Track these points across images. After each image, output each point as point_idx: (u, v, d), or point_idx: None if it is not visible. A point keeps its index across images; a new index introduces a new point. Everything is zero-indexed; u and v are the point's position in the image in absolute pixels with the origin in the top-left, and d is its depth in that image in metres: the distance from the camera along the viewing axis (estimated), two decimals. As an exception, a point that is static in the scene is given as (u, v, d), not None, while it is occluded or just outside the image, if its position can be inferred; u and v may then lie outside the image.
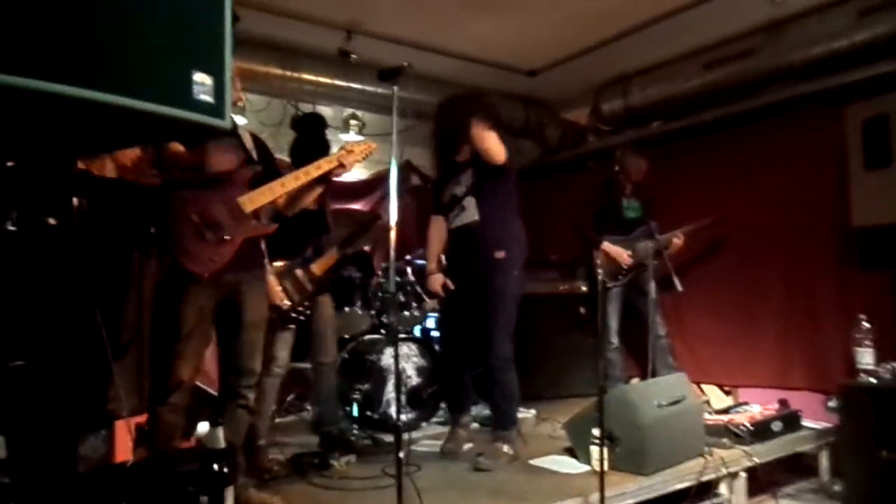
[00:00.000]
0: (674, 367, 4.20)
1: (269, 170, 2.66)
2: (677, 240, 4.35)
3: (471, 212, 3.45)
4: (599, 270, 2.81)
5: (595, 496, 2.59)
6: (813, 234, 4.24)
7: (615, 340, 4.37)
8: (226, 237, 2.38)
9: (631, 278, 4.41)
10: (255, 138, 2.73)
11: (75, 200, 1.41)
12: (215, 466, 1.48)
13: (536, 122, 5.71)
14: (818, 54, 3.98)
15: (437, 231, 3.61)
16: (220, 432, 1.51)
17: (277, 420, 4.37)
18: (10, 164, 1.67)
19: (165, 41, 1.42)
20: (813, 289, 4.25)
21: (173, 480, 1.55)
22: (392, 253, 2.29)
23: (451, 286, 3.47)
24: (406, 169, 5.57)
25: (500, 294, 3.38)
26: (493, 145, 3.33)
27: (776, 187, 4.40)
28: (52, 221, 1.42)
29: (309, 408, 4.35)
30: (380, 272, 4.54)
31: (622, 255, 4.35)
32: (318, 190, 2.89)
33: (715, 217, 4.40)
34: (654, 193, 4.55)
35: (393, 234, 2.30)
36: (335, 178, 4.47)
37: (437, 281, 3.51)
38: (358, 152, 2.84)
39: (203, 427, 1.59)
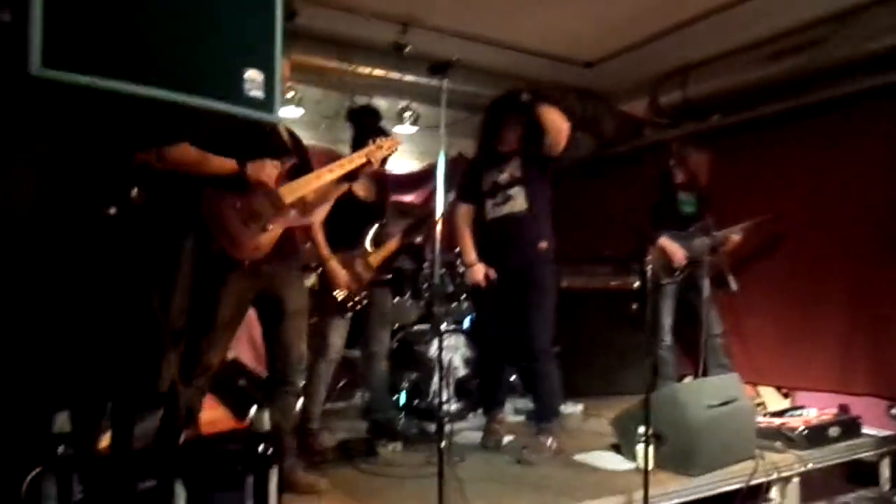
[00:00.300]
0: (727, 367, 4.09)
1: (303, 161, 2.73)
2: (735, 236, 4.22)
3: (519, 201, 3.45)
4: (649, 267, 2.73)
5: (639, 494, 2.57)
6: (879, 234, 4.05)
7: (668, 339, 4.25)
8: (268, 227, 2.46)
9: (686, 275, 4.30)
10: (290, 132, 2.79)
11: (133, 191, 1.50)
12: (260, 448, 1.54)
13: (592, 114, 5.61)
14: (889, 45, 3.78)
15: (467, 220, 3.58)
16: (266, 415, 1.57)
17: (329, 405, 4.49)
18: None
19: (219, 40, 1.49)
20: (879, 290, 4.06)
21: (222, 459, 1.63)
22: (437, 244, 2.32)
23: (493, 276, 3.44)
24: (458, 161, 5.59)
25: (544, 286, 3.41)
26: (564, 124, 3.32)
27: (841, 184, 4.22)
28: (112, 211, 1.52)
29: (359, 395, 4.44)
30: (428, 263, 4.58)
31: (677, 251, 4.23)
32: (345, 186, 2.95)
33: (773, 214, 4.26)
34: (711, 188, 4.42)
35: (439, 226, 2.33)
36: (387, 171, 4.59)
37: (480, 271, 3.45)
38: (386, 148, 2.89)
39: (253, 411, 1.66)
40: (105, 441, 1.74)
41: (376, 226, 3.47)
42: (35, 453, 1.51)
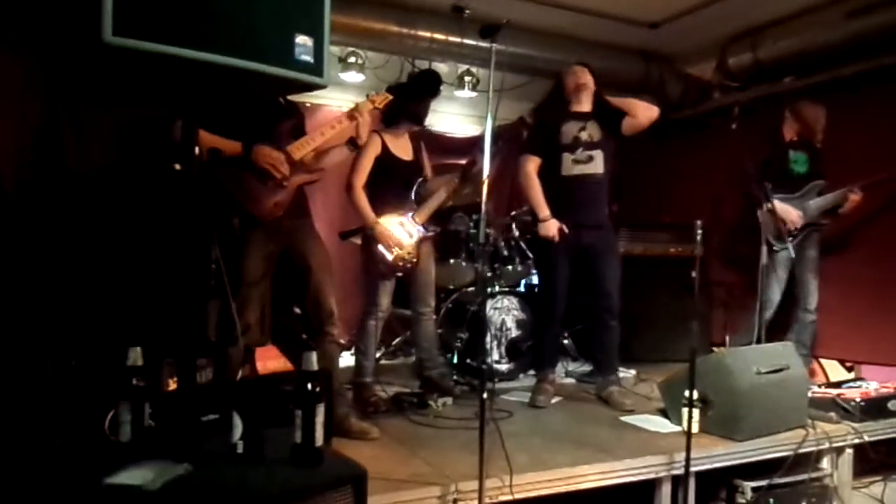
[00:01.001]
0: (806, 348, 3.98)
1: (301, 122, 2.90)
2: (854, 195, 3.92)
3: (598, 163, 3.50)
4: (699, 233, 2.69)
5: (681, 455, 2.61)
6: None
7: (770, 313, 3.98)
8: (283, 183, 2.61)
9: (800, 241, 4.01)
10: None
11: (196, 150, 1.64)
12: (308, 386, 1.68)
13: (658, 77, 5.49)
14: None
15: (536, 173, 3.57)
16: (314, 356, 1.71)
17: (385, 362, 4.68)
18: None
19: (272, 7, 1.59)
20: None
21: (274, 396, 1.79)
22: (483, 205, 2.38)
23: (567, 231, 3.46)
24: (519, 125, 5.58)
25: (616, 247, 3.62)
26: (654, 112, 3.52)
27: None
28: (178, 167, 1.66)
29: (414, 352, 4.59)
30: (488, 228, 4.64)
31: (793, 213, 3.94)
32: (347, 151, 3.02)
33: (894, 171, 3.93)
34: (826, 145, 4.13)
35: (485, 188, 2.39)
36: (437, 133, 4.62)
37: (555, 226, 3.46)
38: (379, 102, 3.03)
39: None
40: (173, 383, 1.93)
41: (418, 183, 3.52)
42: (112, 383, 1.70)
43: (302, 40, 1.62)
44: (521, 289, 4.65)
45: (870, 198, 4.06)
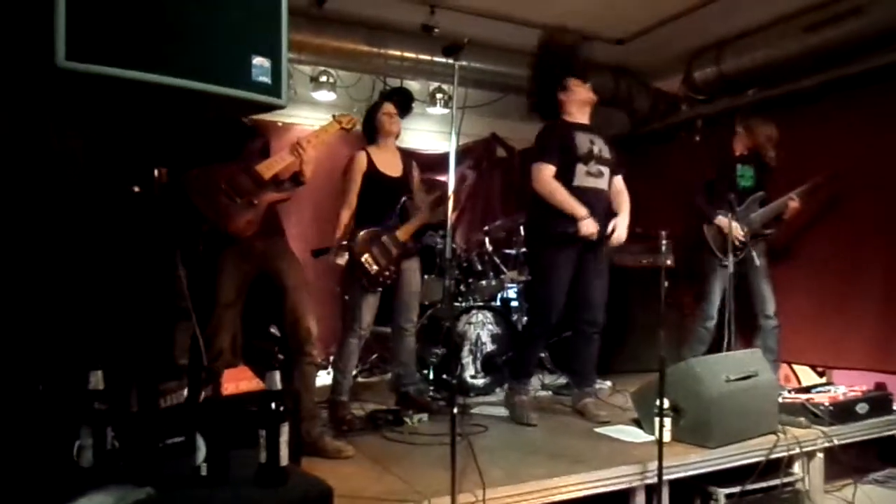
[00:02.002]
0: (773, 354, 4.06)
1: (266, 141, 2.93)
2: (794, 203, 4.07)
3: (606, 180, 3.54)
4: (664, 245, 2.75)
5: (654, 464, 2.63)
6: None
7: (713, 316, 4.16)
8: (254, 202, 2.62)
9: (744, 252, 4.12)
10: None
11: (155, 172, 1.64)
12: (272, 405, 1.68)
13: (626, 91, 5.59)
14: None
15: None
16: (277, 375, 1.71)
17: (362, 380, 4.66)
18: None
19: (228, 28, 1.61)
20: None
21: (239, 417, 1.78)
22: (449, 220, 2.40)
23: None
24: (491, 141, 5.64)
25: (605, 260, 3.60)
26: None
27: (882, 157, 4.11)
28: (136, 189, 1.66)
29: (390, 369, 4.58)
30: (459, 242, 4.68)
31: (736, 229, 4.02)
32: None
33: (827, 174, 4.11)
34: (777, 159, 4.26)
35: (451, 203, 2.41)
36: (414, 151, 4.68)
37: (594, 224, 3.39)
38: (345, 122, 3.04)
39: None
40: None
41: (403, 201, 3.54)
42: (73, 408, 1.69)
43: (259, 61, 1.63)
44: (497, 303, 4.67)
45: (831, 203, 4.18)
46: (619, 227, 3.56)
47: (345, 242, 3.42)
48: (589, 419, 3.49)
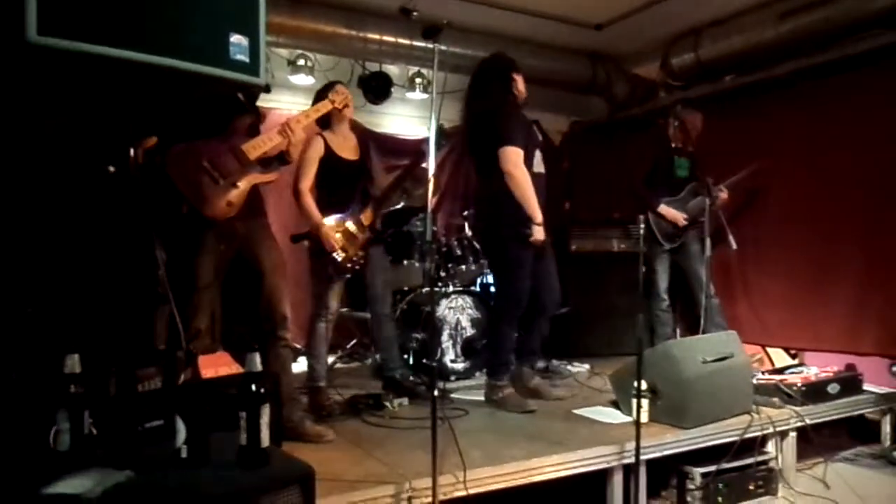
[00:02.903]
0: (722, 327, 4.14)
1: (258, 120, 2.88)
2: (722, 194, 4.25)
3: (539, 162, 3.53)
4: (642, 231, 2.79)
5: (631, 444, 2.67)
6: (892, 195, 4.01)
7: (665, 300, 4.36)
8: (237, 183, 2.57)
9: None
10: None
11: (131, 151, 1.61)
12: (253, 387, 1.67)
13: (604, 77, 5.62)
14: (899, 2, 3.72)
15: None
16: (257, 357, 1.70)
17: (341, 365, 4.66)
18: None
19: (205, 7, 1.58)
20: (889, 252, 4.04)
21: (219, 400, 1.77)
22: (429, 204, 2.40)
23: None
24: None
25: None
26: None
27: (856, 144, 4.18)
28: (111, 169, 1.63)
29: (370, 355, 4.58)
30: (439, 227, 4.68)
31: (678, 217, 4.26)
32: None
33: (753, 166, 4.32)
34: (712, 150, 4.43)
35: (431, 185, 2.40)
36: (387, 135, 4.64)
37: (543, 231, 3.40)
38: (339, 102, 3.11)
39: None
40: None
41: (363, 184, 3.50)
42: (50, 391, 1.66)
43: (237, 39, 1.61)
44: (476, 288, 4.68)
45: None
46: None
47: (307, 230, 3.36)
48: (546, 398, 3.53)
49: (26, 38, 1.33)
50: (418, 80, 5.32)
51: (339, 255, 3.27)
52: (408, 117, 5.77)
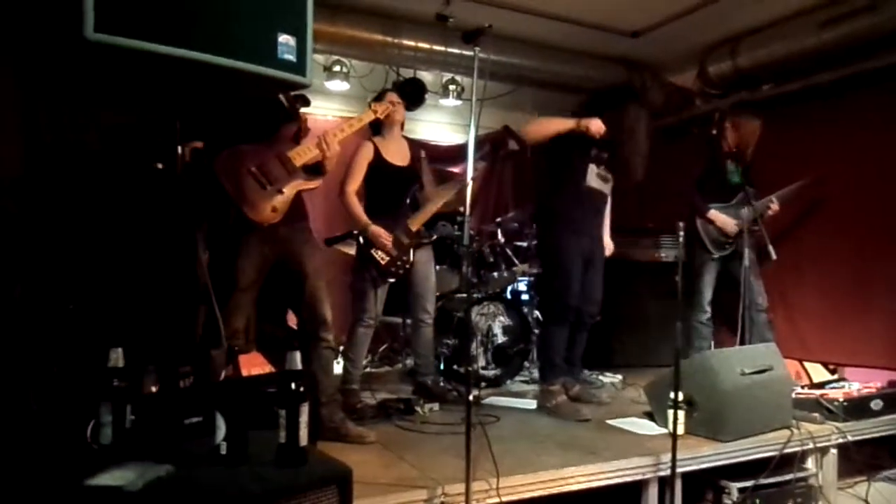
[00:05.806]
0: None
1: (301, 127, 2.89)
2: (773, 205, 4.14)
3: (609, 188, 3.72)
4: (682, 238, 2.73)
5: (667, 456, 2.62)
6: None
7: (708, 310, 4.21)
8: (283, 189, 2.60)
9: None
10: (289, 98, 2.87)
11: (179, 150, 1.63)
12: (292, 385, 1.68)
13: (640, 85, 5.56)
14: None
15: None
16: (297, 355, 1.70)
17: (372, 370, 4.66)
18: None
19: (254, 6, 1.60)
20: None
21: (258, 397, 1.78)
22: (467, 209, 2.39)
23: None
24: (503, 133, 5.61)
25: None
26: None
27: (896, 157, 4.08)
28: (159, 166, 1.65)
29: (402, 360, 4.58)
30: (473, 232, 4.66)
31: (729, 223, 4.10)
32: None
33: (811, 178, 4.18)
34: (758, 157, 4.31)
35: (469, 190, 2.40)
36: (426, 143, 4.65)
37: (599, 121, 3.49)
38: (381, 112, 3.17)
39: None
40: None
41: (413, 190, 3.52)
42: (93, 385, 1.69)
43: (284, 39, 1.63)
44: (507, 295, 4.66)
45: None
46: (610, 243, 3.89)
47: (355, 232, 3.40)
48: (587, 400, 3.58)
49: (84, 35, 1.36)
50: (452, 87, 5.35)
51: (383, 259, 3.29)
52: (441, 124, 5.80)
